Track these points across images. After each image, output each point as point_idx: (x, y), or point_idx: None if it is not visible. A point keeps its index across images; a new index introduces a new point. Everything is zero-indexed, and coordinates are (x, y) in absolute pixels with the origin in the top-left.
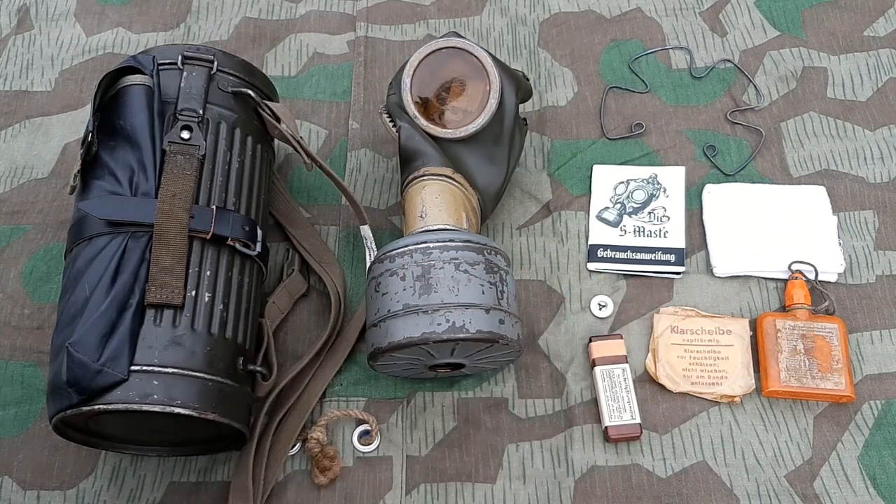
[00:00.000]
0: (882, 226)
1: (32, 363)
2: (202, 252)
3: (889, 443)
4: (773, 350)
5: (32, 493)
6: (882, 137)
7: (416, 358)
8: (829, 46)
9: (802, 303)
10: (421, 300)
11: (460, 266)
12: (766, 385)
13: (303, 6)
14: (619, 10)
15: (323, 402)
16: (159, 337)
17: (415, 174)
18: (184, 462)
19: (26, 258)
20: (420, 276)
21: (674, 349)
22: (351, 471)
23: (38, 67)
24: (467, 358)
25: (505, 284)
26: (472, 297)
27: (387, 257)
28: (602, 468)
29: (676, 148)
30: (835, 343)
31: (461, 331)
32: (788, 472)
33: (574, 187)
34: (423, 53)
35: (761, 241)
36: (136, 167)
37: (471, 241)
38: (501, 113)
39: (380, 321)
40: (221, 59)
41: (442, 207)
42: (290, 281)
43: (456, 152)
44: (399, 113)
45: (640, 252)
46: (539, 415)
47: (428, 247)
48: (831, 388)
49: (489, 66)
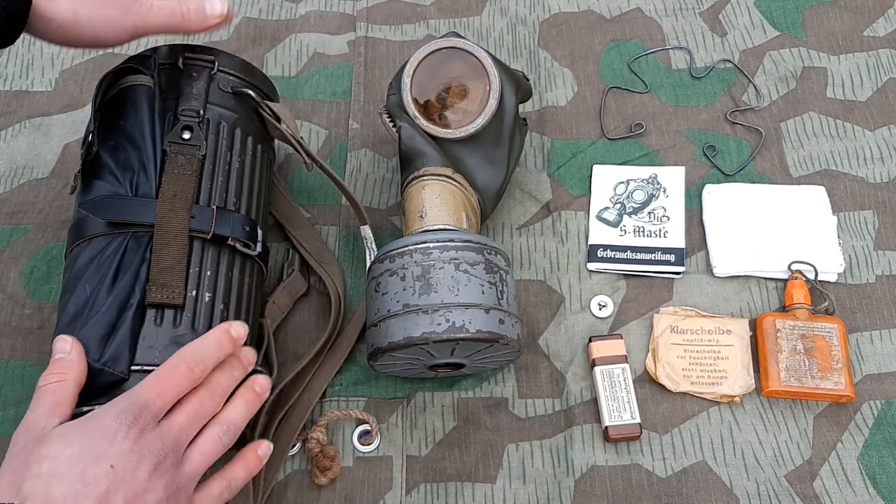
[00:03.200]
0: (882, 226)
1: (33, 363)
2: (203, 252)
3: (889, 443)
4: (773, 350)
5: None
6: (882, 137)
7: (416, 358)
8: (829, 46)
9: (802, 303)
10: (421, 300)
11: (460, 266)
12: (766, 385)
13: (303, 6)
14: (619, 11)
15: (323, 402)
16: (160, 337)
17: (415, 174)
18: None
19: (26, 258)
20: (420, 275)
21: (674, 349)
22: (351, 471)
23: (38, 67)
24: (467, 358)
25: (505, 284)
26: (472, 297)
27: (387, 257)
28: (602, 468)
29: (676, 148)
30: (835, 343)
31: (461, 331)
32: (788, 471)
33: (574, 187)
34: (423, 53)
35: (761, 241)
36: (137, 167)
37: (471, 241)
38: (501, 113)
39: (380, 321)
40: (222, 60)
41: (442, 207)
42: (290, 281)
43: (456, 152)
44: (399, 113)
45: (640, 252)
46: (539, 415)
47: (428, 247)
48: (831, 387)
49: (489, 66)
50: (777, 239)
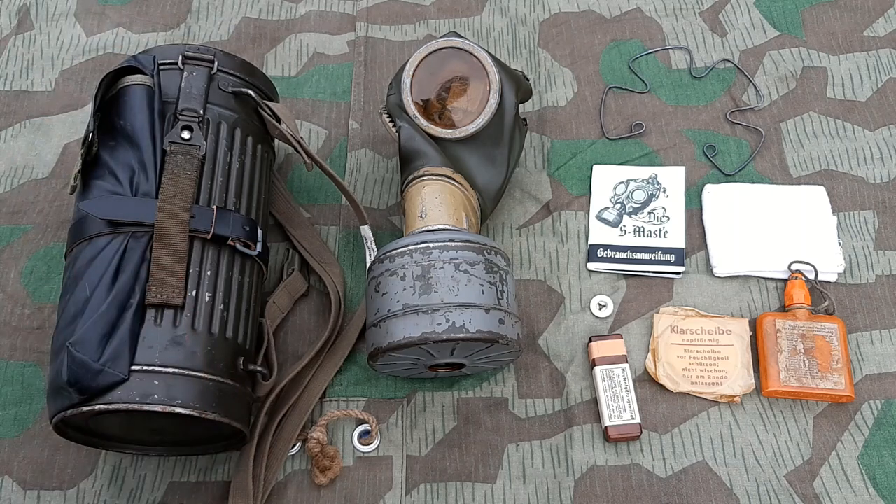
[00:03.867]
0: (882, 226)
1: (33, 363)
2: (203, 252)
3: (889, 442)
4: (773, 350)
5: (33, 493)
6: (882, 137)
7: (415, 358)
8: (829, 46)
9: (802, 303)
10: (421, 300)
11: (460, 266)
12: (766, 385)
13: (303, 6)
14: (619, 11)
15: (323, 402)
16: (160, 337)
17: (415, 174)
18: (184, 462)
19: (27, 258)
20: (420, 275)
21: (673, 349)
22: (351, 470)
23: (38, 67)
24: (467, 358)
25: (505, 284)
26: (472, 297)
27: (387, 257)
28: (602, 468)
29: (676, 148)
30: (835, 343)
31: (461, 331)
32: (788, 471)
33: (574, 187)
34: (423, 53)
35: (761, 241)
36: (137, 167)
37: (470, 241)
38: (501, 113)
39: (380, 321)
40: (222, 60)
41: (442, 207)
42: (290, 281)
43: (456, 152)
44: (399, 113)
45: (640, 252)
46: (539, 414)
47: (428, 247)
48: (831, 387)
49: (489, 66)
50: (777, 239)
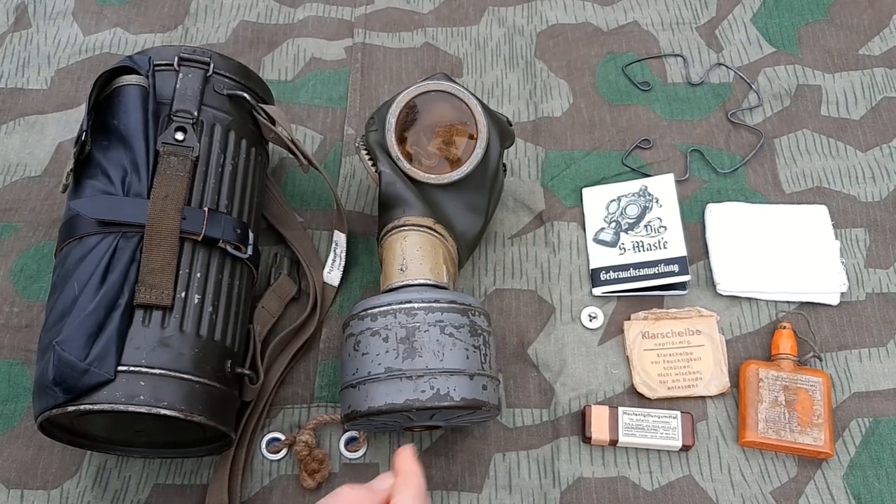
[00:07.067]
0: (873, 244)
1: (20, 361)
2: (193, 254)
3: (874, 462)
4: (754, 399)
5: (16, 492)
6: (874, 157)
7: (393, 420)
8: (824, 64)
9: (788, 353)
10: (405, 364)
11: (445, 329)
12: (744, 434)
13: (301, 11)
14: (616, 23)
15: (311, 407)
16: (147, 338)
17: (395, 223)
18: (169, 464)
19: (17, 256)
20: (404, 338)
21: (647, 355)
22: (337, 477)
23: (34, 65)
24: (446, 421)
25: (488, 347)
26: (457, 363)
27: (368, 315)
28: (588, 480)
29: (670, 161)
30: (818, 398)
31: (445, 398)
32: (774, 488)
33: (567, 198)
34: (411, 94)
35: (764, 262)
36: (129, 167)
37: (455, 303)
38: (486, 161)
39: (359, 383)
40: (218, 62)
41: (423, 261)
42: (278, 284)
43: (436, 197)
44: (380, 152)
45: (643, 268)
46: (526, 425)
47: (413, 307)
48: (810, 443)
49: (478, 114)
50: (780, 260)
